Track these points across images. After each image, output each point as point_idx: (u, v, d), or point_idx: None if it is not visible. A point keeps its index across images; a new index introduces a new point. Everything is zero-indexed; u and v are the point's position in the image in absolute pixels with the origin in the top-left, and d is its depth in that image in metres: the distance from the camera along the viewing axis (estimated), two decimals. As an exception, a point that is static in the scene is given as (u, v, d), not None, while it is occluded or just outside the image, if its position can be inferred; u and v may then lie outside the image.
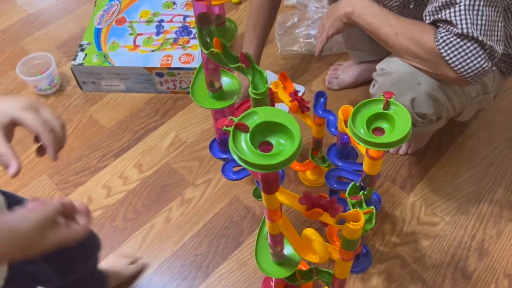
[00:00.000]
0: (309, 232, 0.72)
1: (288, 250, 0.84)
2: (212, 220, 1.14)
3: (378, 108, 0.67)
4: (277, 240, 0.77)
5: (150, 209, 1.17)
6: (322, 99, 0.98)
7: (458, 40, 0.81)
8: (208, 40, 0.68)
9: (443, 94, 0.93)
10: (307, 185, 1.19)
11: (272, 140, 0.58)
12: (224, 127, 0.58)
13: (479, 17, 0.79)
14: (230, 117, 0.58)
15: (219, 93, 0.78)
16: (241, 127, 0.56)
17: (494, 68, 0.84)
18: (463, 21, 0.79)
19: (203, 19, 0.65)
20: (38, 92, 1.40)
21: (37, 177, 1.25)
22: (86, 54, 1.36)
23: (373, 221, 0.70)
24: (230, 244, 1.10)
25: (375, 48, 1.14)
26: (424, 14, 0.87)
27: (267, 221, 0.73)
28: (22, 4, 1.69)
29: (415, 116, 0.95)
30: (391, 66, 0.93)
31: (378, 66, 0.97)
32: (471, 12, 0.79)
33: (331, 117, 0.97)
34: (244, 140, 0.57)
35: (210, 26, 0.66)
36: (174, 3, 1.48)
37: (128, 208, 1.18)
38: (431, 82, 0.90)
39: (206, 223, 1.14)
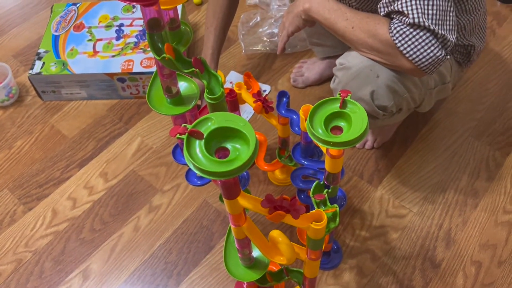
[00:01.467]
0: (276, 234, 0.72)
1: (256, 253, 0.83)
2: (182, 226, 1.13)
3: (335, 107, 0.67)
4: (244, 244, 0.77)
5: (118, 218, 1.15)
6: (284, 99, 0.98)
7: (411, 30, 0.82)
8: (160, 45, 0.66)
9: (402, 85, 0.94)
10: (276, 185, 1.19)
11: (228, 145, 0.57)
12: (178, 135, 0.57)
13: (430, 7, 0.80)
14: (183, 124, 0.57)
15: (177, 99, 0.77)
16: (195, 134, 0.55)
17: (448, 56, 0.85)
18: (414, 11, 0.80)
19: (153, 25, 0.63)
20: (-5, 104, 1.35)
21: (-2, 192, 1.21)
22: (44, 63, 1.32)
23: (337, 219, 0.71)
24: (201, 249, 1.09)
25: (338, 43, 1.15)
26: (378, 6, 0.88)
27: (232, 226, 0.72)
28: (-25, 13, 1.63)
29: (376, 109, 0.96)
30: (350, 60, 0.94)
31: (338, 61, 0.98)
32: (421, 2, 0.80)
33: (294, 116, 0.97)
34: (198, 147, 0.56)
35: (161, 31, 0.65)
36: (134, 7, 1.45)
37: (95, 219, 1.15)
38: (390, 75, 0.91)
39: (175, 229, 1.13)
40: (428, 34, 0.82)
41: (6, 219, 1.16)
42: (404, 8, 0.81)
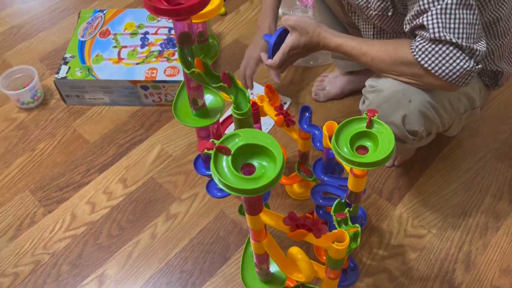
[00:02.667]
0: (295, 251, 0.71)
1: (274, 268, 0.83)
2: (198, 236, 1.13)
3: (362, 126, 0.67)
4: (262, 259, 0.77)
5: (135, 225, 1.16)
6: (307, 114, 0.98)
7: (433, 45, 0.81)
8: (189, 59, 0.67)
9: (434, 111, 0.93)
10: (294, 198, 1.19)
11: (255, 162, 0.58)
12: (205, 150, 0.57)
13: (452, 20, 0.79)
14: (211, 140, 0.57)
15: (202, 111, 0.77)
16: (222, 150, 0.55)
17: (480, 66, 0.83)
18: (435, 25, 0.79)
19: (184, 39, 0.64)
20: (20, 105, 1.38)
21: (19, 193, 1.22)
22: (69, 67, 1.34)
23: (359, 239, 0.70)
24: (216, 260, 1.09)
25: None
26: (404, 23, 0.87)
27: (252, 241, 0.72)
28: (5, 16, 1.66)
29: (406, 133, 0.94)
30: (381, 83, 0.93)
31: (368, 82, 0.97)
32: (443, 16, 0.79)
33: (316, 131, 0.96)
34: (225, 163, 0.56)
35: (192, 45, 0.65)
36: (159, 15, 1.47)
37: (112, 225, 1.16)
38: (422, 99, 0.90)
39: (192, 238, 1.13)
40: (451, 48, 0.80)
41: (26, 221, 1.17)
42: (425, 23, 0.80)
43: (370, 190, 1.19)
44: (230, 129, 1.11)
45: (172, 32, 1.42)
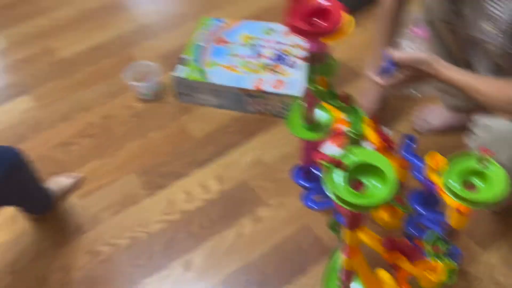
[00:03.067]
0: (385, 275, 0.73)
1: (356, 286, 0.85)
2: (281, 243, 1.18)
3: (473, 163, 0.67)
4: (349, 275, 0.79)
5: (224, 221, 1.23)
6: (410, 143, 0.99)
7: None
8: (314, 76, 0.72)
9: None
10: (379, 225, 1.19)
11: (364, 180, 0.61)
12: (321, 161, 0.62)
13: None
14: (329, 154, 0.61)
15: (313, 125, 0.82)
16: (339, 165, 0.60)
17: None
18: None
19: (314, 58, 0.69)
20: (139, 96, 1.54)
21: (126, 174, 1.36)
22: (186, 68, 1.47)
23: (455, 277, 0.70)
24: (295, 269, 1.13)
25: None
26: None
27: (343, 256, 0.75)
28: (137, 15, 1.86)
29: None
30: (493, 121, 0.91)
31: (477, 118, 0.96)
32: None
33: (417, 161, 0.97)
34: (339, 177, 0.60)
35: (320, 64, 0.71)
36: (273, 30, 1.56)
37: (204, 217, 1.25)
38: None
39: (274, 244, 1.18)
40: None
41: (129, 200, 1.30)
42: None
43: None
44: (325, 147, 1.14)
45: (283, 47, 1.50)
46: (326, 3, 0.68)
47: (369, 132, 1.05)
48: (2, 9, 1.94)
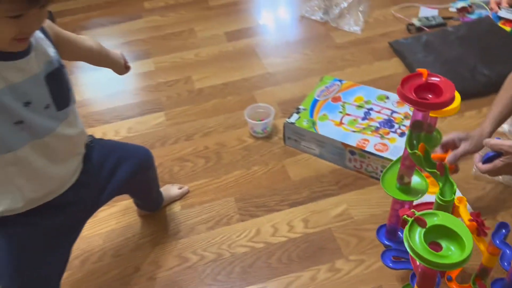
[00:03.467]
0: None
1: None
2: (352, 297, 1.21)
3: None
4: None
5: (302, 262, 1.30)
6: (504, 231, 0.99)
7: None
8: (414, 142, 0.79)
9: None
10: (457, 308, 1.16)
11: (443, 243, 0.66)
12: (405, 216, 0.68)
13: None
14: (412, 210, 0.68)
15: (405, 187, 0.88)
16: (419, 221, 0.66)
17: None
18: None
19: (416, 125, 0.77)
20: (252, 132, 1.71)
21: (226, 197, 1.51)
22: (299, 117, 1.62)
23: None
24: (361, 326, 1.15)
25: None
26: None
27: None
28: (266, 63, 2.09)
29: None
30: None
31: None
32: None
33: (507, 251, 0.96)
34: (418, 233, 0.66)
35: (421, 132, 0.78)
36: (387, 98, 1.65)
37: (284, 253, 1.33)
38: None
39: (346, 296, 1.21)
40: None
41: (223, 220, 1.45)
42: None
43: None
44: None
45: (394, 115, 1.57)
46: (439, 81, 0.76)
47: (463, 210, 1.07)
48: (158, 39, 2.31)
